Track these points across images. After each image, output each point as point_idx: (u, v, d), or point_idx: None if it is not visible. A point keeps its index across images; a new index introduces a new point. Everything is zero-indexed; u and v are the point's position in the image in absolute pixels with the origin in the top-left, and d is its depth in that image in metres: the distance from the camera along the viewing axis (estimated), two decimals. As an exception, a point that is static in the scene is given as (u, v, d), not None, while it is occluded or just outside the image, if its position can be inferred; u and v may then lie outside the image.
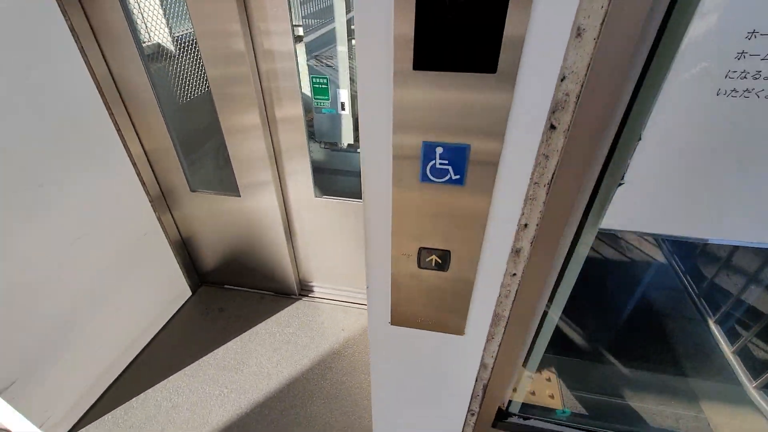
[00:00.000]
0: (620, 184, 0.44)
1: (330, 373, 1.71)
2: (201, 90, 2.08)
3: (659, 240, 0.91)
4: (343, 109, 2.78)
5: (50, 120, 1.30)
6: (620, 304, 0.93)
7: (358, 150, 2.43)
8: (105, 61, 1.48)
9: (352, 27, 2.52)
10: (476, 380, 0.69)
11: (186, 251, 2.04)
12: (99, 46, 1.45)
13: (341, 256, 1.98)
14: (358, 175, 2.40)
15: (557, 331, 0.69)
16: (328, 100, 2.72)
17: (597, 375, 0.86)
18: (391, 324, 0.63)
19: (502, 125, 0.39)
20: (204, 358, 1.78)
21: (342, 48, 2.66)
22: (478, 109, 0.39)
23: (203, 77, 1.89)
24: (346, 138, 2.95)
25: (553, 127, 0.39)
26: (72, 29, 1.34)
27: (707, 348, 0.90)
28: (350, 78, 2.69)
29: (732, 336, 0.88)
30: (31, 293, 1.30)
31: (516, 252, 0.50)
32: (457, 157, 0.42)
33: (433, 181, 0.45)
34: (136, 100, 1.59)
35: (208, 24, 1.35)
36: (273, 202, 1.80)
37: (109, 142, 1.55)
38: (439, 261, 0.52)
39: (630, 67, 0.35)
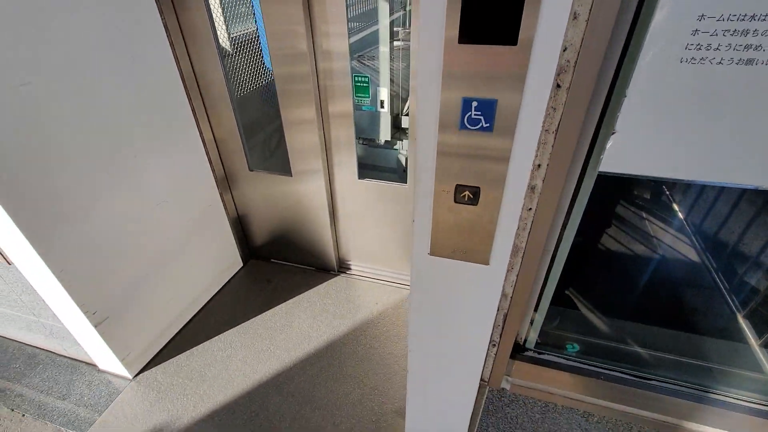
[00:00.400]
0: (613, 133, 0.58)
1: (364, 339, 1.89)
2: (253, 86, 2.32)
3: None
4: (382, 107, 2.96)
5: (145, 102, 1.57)
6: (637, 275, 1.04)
7: (395, 147, 2.61)
8: (188, 56, 1.75)
9: (395, 29, 2.72)
10: (498, 310, 0.83)
11: (240, 227, 2.29)
12: (185, 43, 1.71)
13: (377, 238, 2.16)
14: (394, 171, 2.58)
15: (565, 284, 0.82)
16: (368, 98, 2.92)
17: (603, 325, 0.98)
18: (430, 254, 0.79)
19: (521, 84, 0.55)
20: (253, 319, 2.00)
21: (384, 49, 2.85)
22: (504, 72, 0.55)
23: (255, 75, 2.14)
24: (384, 135, 3.13)
25: (558, 86, 0.55)
26: (166, 28, 1.60)
27: (720, 312, 0.98)
28: (390, 78, 2.87)
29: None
30: (123, 245, 1.57)
31: (531, 189, 0.65)
32: (488, 109, 0.58)
33: (468, 128, 0.61)
34: (212, 92, 1.85)
35: (277, 25, 1.57)
36: (321, 187, 2.01)
37: (187, 127, 1.81)
38: (471, 196, 0.68)
39: (613, 41, 0.50)
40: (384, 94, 3.05)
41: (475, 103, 0.59)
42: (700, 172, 0.57)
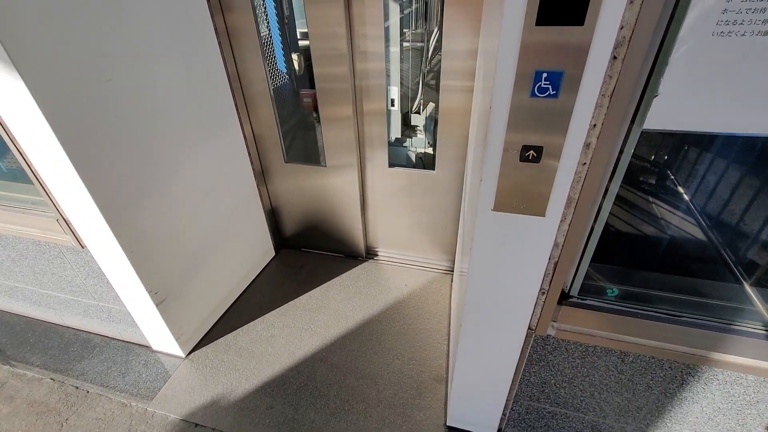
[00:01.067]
0: (655, 96, 0.72)
1: (398, 317, 2.02)
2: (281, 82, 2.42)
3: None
4: (392, 105, 3.12)
5: (198, 98, 1.71)
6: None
7: (405, 144, 2.76)
8: (233, 55, 1.89)
9: (404, 30, 2.88)
10: (549, 259, 0.97)
11: (273, 218, 2.42)
12: (230, 44, 1.85)
13: (403, 226, 2.30)
14: (404, 167, 2.71)
15: (608, 235, 0.96)
16: (380, 96, 3.06)
17: (637, 273, 1.12)
18: (493, 210, 0.93)
19: (584, 57, 0.69)
20: (292, 301, 2.13)
21: (394, 49, 3.00)
22: (571, 47, 0.69)
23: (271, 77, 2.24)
24: (394, 132, 3.28)
25: (615, 57, 0.69)
26: (215, 29, 1.74)
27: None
28: (400, 78, 3.02)
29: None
30: (178, 231, 1.69)
31: (587, 146, 0.79)
32: (556, 79, 0.73)
33: (537, 96, 0.75)
34: (252, 90, 1.99)
35: (320, 27, 1.71)
36: (354, 179, 2.14)
37: (231, 122, 1.95)
38: (535, 155, 0.82)
39: (660, 19, 0.65)
40: (395, 92, 3.20)
41: (545, 74, 0.73)
42: (727, 124, 0.71)
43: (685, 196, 1.09)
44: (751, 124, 0.71)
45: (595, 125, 0.77)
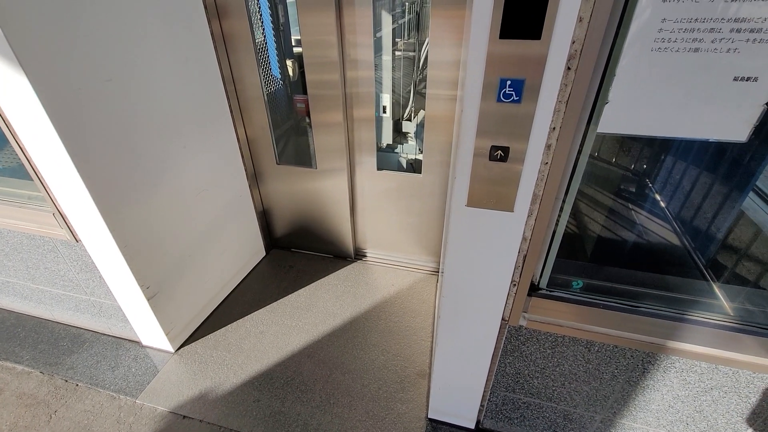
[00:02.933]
0: (606, 103, 0.82)
1: (384, 315, 2.08)
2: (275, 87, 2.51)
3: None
4: (384, 112, 3.22)
5: (193, 100, 1.78)
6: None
7: (396, 150, 2.85)
8: (228, 60, 1.96)
9: (396, 40, 2.98)
10: (518, 251, 1.05)
11: (264, 219, 2.49)
12: (226, 49, 1.93)
13: (391, 228, 2.37)
14: (392, 171, 2.79)
15: (570, 230, 1.04)
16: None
17: (600, 267, 1.21)
18: (466, 205, 1.01)
19: (542, 67, 0.78)
20: (281, 299, 2.18)
21: (387, 57, 3.11)
22: (531, 58, 0.78)
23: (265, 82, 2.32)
24: (386, 139, 3.38)
25: (569, 68, 0.78)
26: (212, 34, 1.82)
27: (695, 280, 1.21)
28: (392, 85, 3.12)
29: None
30: (170, 228, 1.75)
31: (548, 146, 0.88)
32: (518, 86, 0.81)
33: (503, 101, 0.84)
34: (246, 94, 2.06)
35: (313, 35, 1.80)
36: (343, 183, 2.22)
37: (225, 124, 2.02)
38: (502, 154, 0.91)
39: (606, 36, 0.74)
40: (386, 100, 3.30)
41: (509, 82, 0.82)
42: (667, 129, 0.81)
43: (652, 198, 1.19)
44: (688, 129, 0.80)
45: (554, 128, 0.86)
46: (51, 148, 1.28)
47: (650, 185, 1.33)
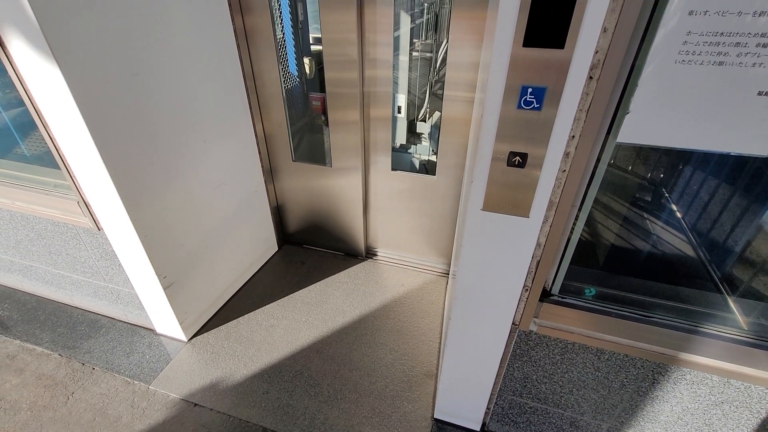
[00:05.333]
0: (627, 113, 0.82)
1: (393, 314, 2.10)
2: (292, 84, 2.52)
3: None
4: (399, 112, 3.22)
5: (215, 95, 1.81)
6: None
7: (409, 151, 2.86)
8: (249, 56, 1.99)
9: (414, 40, 2.99)
10: (532, 257, 1.06)
11: (278, 214, 2.52)
12: (248, 44, 1.96)
13: (403, 228, 2.39)
14: (406, 172, 2.80)
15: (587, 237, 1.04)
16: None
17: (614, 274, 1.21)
18: (482, 209, 1.02)
19: (564, 76, 0.79)
20: (292, 294, 2.22)
21: (404, 57, 3.11)
22: (553, 67, 0.79)
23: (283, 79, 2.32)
24: (400, 139, 3.39)
25: (590, 77, 0.79)
26: (234, 30, 1.85)
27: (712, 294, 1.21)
28: (408, 86, 3.13)
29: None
30: (188, 219, 1.79)
31: (566, 154, 0.89)
32: (539, 93, 0.82)
33: (523, 108, 0.85)
34: (265, 91, 2.09)
35: (333, 33, 1.82)
36: (357, 181, 2.24)
37: (244, 119, 2.05)
38: (520, 160, 0.92)
39: (630, 47, 0.74)
40: (402, 100, 3.31)
41: (530, 89, 0.83)
42: (688, 141, 0.81)
43: (669, 208, 1.19)
44: (709, 142, 0.80)
45: (573, 136, 0.86)
46: (79, 139, 1.33)
47: (666, 195, 1.32)
